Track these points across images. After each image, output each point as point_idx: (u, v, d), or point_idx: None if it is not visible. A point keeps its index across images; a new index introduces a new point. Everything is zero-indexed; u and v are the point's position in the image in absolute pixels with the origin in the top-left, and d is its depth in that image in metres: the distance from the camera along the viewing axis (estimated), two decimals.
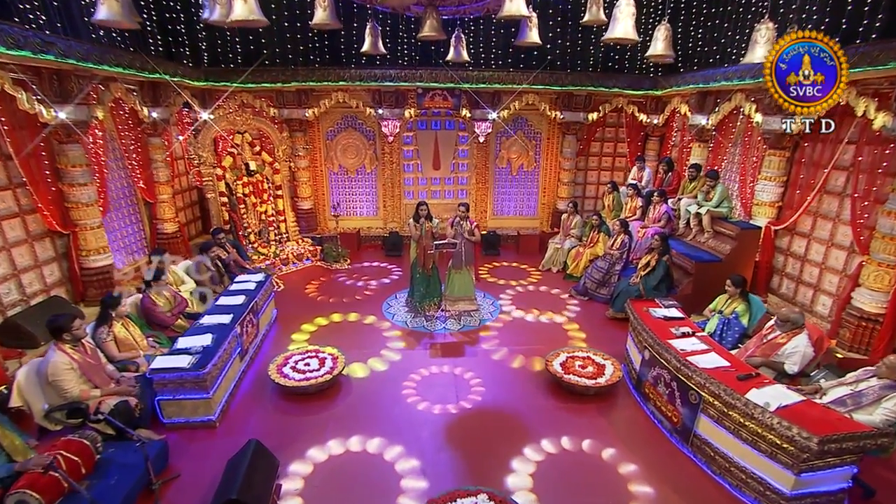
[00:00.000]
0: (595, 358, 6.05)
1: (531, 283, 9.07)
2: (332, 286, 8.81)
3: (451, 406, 5.41)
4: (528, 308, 7.94)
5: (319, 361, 5.97)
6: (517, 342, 6.86)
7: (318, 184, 11.13)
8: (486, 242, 10.59)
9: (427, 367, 6.23)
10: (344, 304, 8.03)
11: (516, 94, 9.96)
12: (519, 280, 9.20)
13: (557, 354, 6.13)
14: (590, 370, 5.79)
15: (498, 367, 6.25)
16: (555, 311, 7.84)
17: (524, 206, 11.57)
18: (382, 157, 11.00)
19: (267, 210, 9.69)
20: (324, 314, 7.67)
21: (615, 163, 11.46)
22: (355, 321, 7.52)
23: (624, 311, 7.24)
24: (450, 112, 10.65)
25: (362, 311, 7.80)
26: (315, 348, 6.28)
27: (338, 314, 7.65)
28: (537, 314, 7.74)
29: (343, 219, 11.22)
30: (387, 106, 10.10)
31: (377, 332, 7.14)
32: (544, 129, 11.02)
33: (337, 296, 8.35)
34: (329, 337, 6.96)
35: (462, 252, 7.41)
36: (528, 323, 7.50)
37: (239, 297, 6.50)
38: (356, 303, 8.10)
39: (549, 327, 7.35)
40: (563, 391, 5.68)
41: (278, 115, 10.06)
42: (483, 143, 10.86)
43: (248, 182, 9.28)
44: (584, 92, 10.14)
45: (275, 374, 5.71)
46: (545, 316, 7.71)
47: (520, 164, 11.25)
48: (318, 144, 10.89)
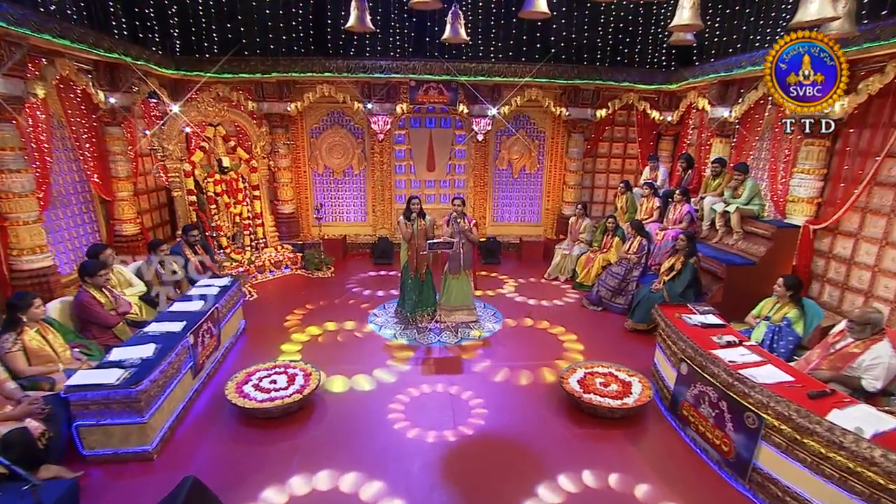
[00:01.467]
0: (619, 374, 5.16)
1: (538, 293, 8.22)
2: (313, 296, 7.95)
3: (448, 432, 4.51)
4: (536, 319, 7.06)
5: (289, 378, 5.06)
6: (524, 357, 6.00)
7: (301, 186, 10.38)
8: (485, 250, 9.83)
9: (418, 385, 5.33)
10: (323, 315, 7.14)
11: (518, 87, 9.29)
12: (523, 289, 8.32)
13: (573, 370, 5.25)
14: (614, 389, 4.90)
15: (503, 386, 5.37)
16: (565, 323, 6.97)
17: (526, 211, 10.84)
18: (372, 158, 10.29)
19: (242, 212, 8.85)
20: (300, 326, 6.79)
21: (625, 165, 10.76)
22: (335, 333, 6.62)
23: (646, 321, 6.43)
24: (445, 108, 9.97)
25: (344, 322, 6.93)
26: (285, 362, 5.36)
27: (315, 326, 6.76)
28: (546, 326, 6.87)
29: (328, 225, 10.48)
30: (377, 100, 9.40)
31: (360, 346, 6.27)
32: (548, 128, 10.36)
33: (317, 306, 7.46)
34: (305, 351, 6.08)
35: (460, 254, 6.60)
36: (536, 335, 6.63)
37: (197, 302, 5.60)
38: (338, 313, 7.23)
39: (559, 340, 6.48)
40: (583, 414, 4.78)
41: (257, 110, 9.35)
42: (482, 142, 10.20)
43: (221, 180, 8.46)
44: (591, 86, 9.47)
45: (233, 393, 4.79)
46: (554, 329, 6.84)
47: (522, 166, 10.54)
48: (301, 143, 10.17)
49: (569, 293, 8.24)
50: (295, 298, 7.81)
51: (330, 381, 5.39)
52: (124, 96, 7.53)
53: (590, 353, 5.94)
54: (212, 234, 7.93)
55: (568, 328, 6.81)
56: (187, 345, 4.83)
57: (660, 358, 5.20)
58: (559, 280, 8.78)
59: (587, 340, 6.49)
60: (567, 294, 8.20)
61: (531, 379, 5.52)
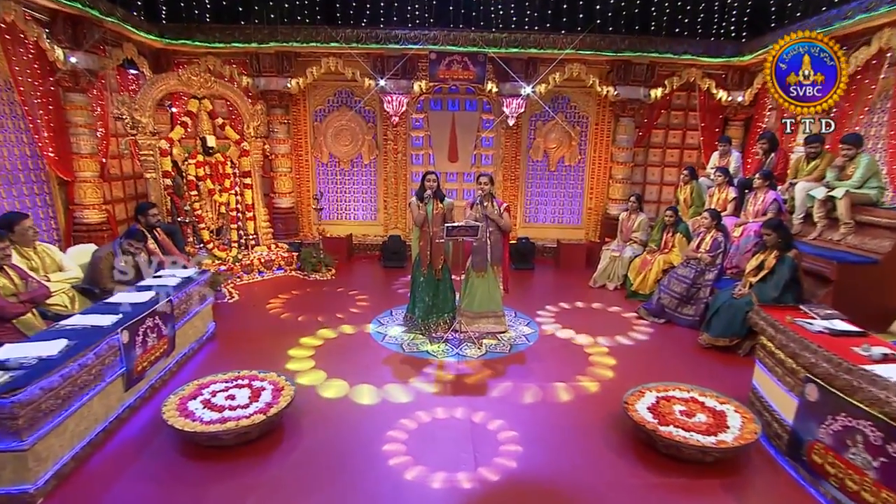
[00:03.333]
0: (705, 400, 3.90)
1: (580, 301, 7.07)
2: (306, 300, 6.95)
3: (463, 475, 3.33)
4: (581, 331, 5.88)
5: (252, 393, 3.95)
6: (569, 376, 4.84)
7: (303, 177, 9.55)
8: (516, 253, 8.72)
9: (429, 409, 4.18)
10: (316, 321, 6.10)
11: (557, 62, 8.28)
12: (563, 297, 7.16)
13: (641, 393, 4.02)
14: (701, 420, 3.64)
15: (542, 414, 4.19)
16: (621, 335, 5.79)
17: (565, 210, 9.78)
18: (384, 146, 9.41)
19: (229, 202, 7.93)
20: (282, 332, 5.74)
21: (683, 156, 9.56)
22: (327, 341, 5.55)
23: (727, 334, 5.23)
24: (471, 88, 9.07)
25: (340, 329, 5.86)
26: (249, 373, 4.25)
27: (307, 337, 5.67)
28: (593, 339, 5.66)
29: (331, 223, 9.57)
30: (391, 77, 8.50)
31: (356, 357, 5.19)
32: (592, 111, 9.33)
33: (309, 311, 6.44)
34: (286, 361, 4.99)
35: (487, 245, 5.51)
36: (582, 350, 5.42)
37: (145, 293, 4.55)
38: (334, 319, 6.17)
39: (614, 355, 5.27)
40: (658, 455, 3.54)
41: (253, 86, 8.54)
42: (513, 128, 9.21)
43: (205, 162, 7.55)
44: (645, 60, 8.42)
45: (172, 412, 3.68)
46: (605, 338, 5.64)
47: (560, 157, 9.52)
48: (303, 126, 9.35)
49: (621, 303, 7.02)
50: (283, 304, 6.77)
51: (323, 385, 4.25)
52: (89, 58, 6.68)
53: (655, 374, 4.70)
54: (185, 220, 6.94)
55: (624, 343, 5.60)
56: (117, 344, 3.76)
57: (764, 380, 3.93)
58: (608, 287, 7.59)
59: (650, 358, 5.33)
60: (618, 303, 7.00)
61: (580, 405, 4.33)
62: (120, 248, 4.98)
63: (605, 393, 4.53)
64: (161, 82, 7.07)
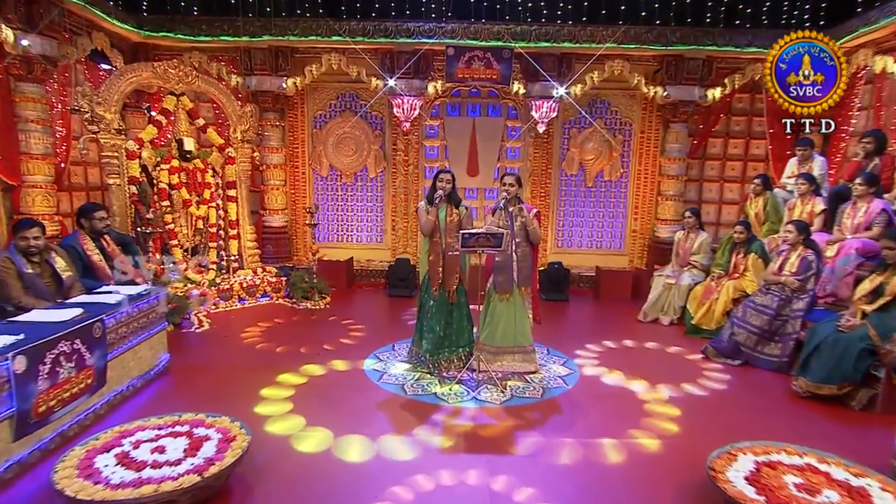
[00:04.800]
0: (831, 470, 2.92)
1: (629, 339, 6.17)
2: (291, 331, 6.20)
3: None
4: (633, 374, 5.01)
5: (190, 444, 3.07)
6: (619, 431, 3.91)
7: (298, 192, 8.96)
8: (547, 281, 7.97)
9: (433, 471, 3.32)
10: (300, 355, 5.34)
11: (596, 58, 7.68)
12: (606, 333, 6.28)
13: (731, 456, 3.05)
14: (833, 501, 2.64)
15: (585, 479, 3.29)
16: (688, 381, 4.87)
17: (605, 233, 9.03)
18: (393, 157, 8.81)
19: (209, 216, 7.33)
20: (255, 368, 4.97)
21: (746, 170, 8.74)
22: (311, 380, 4.76)
23: (836, 381, 4.38)
24: (494, 92, 8.55)
25: (328, 364, 5.09)
26: (194, 417, 3.39)
27: (287, 373, 4.87)
28: (650, 386, 4.74)
29: (330, 245, 8.94)
30: (402, 76, 7.94)
31: (345, 400, 4.36)
32: (637, 117, 8.66)
33: (294, 344, 5.68)
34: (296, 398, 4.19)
35: (513, 259, 4.77)
36: (633, 397, 4.56)
37: (69, 311, 3.76)
38: (322, 353, 5.42)
39: (679, 405, 4.33)
40: None
41: (243, 86, 8.03)
42: (544, 136, 8.53)
43: (180, 168, 6.96)
44: (701, 55, 7.76)
45: (69, 471, 2.82)
46: (666, 384, 4.73)
47: (599, 170, 8.82)
48: (300, 133, 8.81)
49: (680, 340, 6.12)
50: (262, 334, 6.03)
51: (300, 435, 3.39)
52: (47, 42, 6.12)
53: (738, 430, 3.75)
54: (147, 230, 6.21)
55: (691, 391, 4.70)
56: (6, 373, 2.93)
57: None
58: (661, 322, 6.76)
59: (728, 410, 4.39)
60: (677, 341, 6.10)
61: (638, 469, 3.41)
62: (17, 249, 4.18)
63: (671, 453, 3.60)
64: (131, 73, 6.53)
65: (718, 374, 5.10)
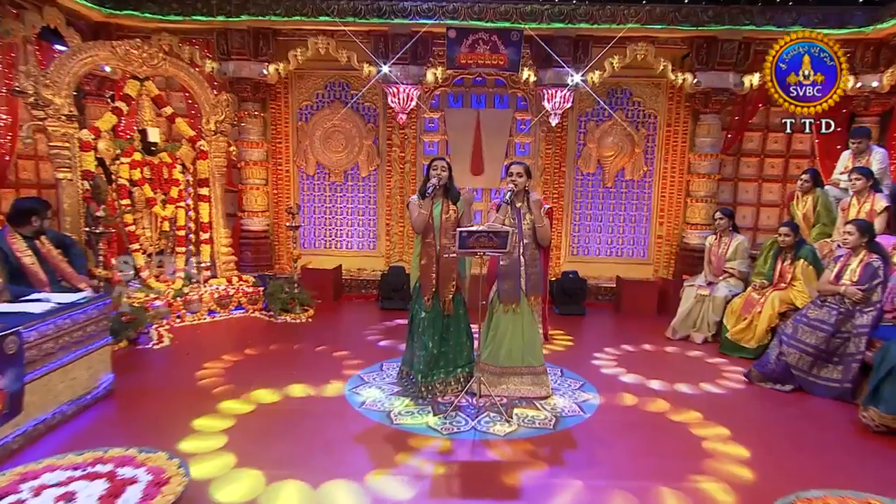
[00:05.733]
0: None
1: (654, 357, 5.81)
2: (264, 348, 5.78)
3: None
4: (676, 401, 4.59)
5: (108, 490, 2.60)
6: (648, 471, 3.45)
7: (281, 192, 8.69)
8: (561, 293, 7.65)
9: None
10: (270, 377, 4.87)
11: (616, 40, 7.44)
12: (631, 351, 5.91)
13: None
14: None
15: None
16: (720, 412, 4.43)
17: (627, 239, 8.77)
18: (388, 153, 8.58)
19: (176, 217, 7.00)
20: (208, 391, 4.54)
21: (788, 168, 8.41)
22: (262, 407, 4.31)
23: None
24: (501, 81, 8.35)
25: (304, 385, 4.69)
26: (122, 454, 2.92)
27: (235, 399, 4.44)
28: (700, 416, 4.33)
29: (315, 253, 8.64)
30: (397, 62, 7.70)
31: (314, 431, 3.92)
32: (663, 107, 8.40)
33: (265, 365, 5.27)
34: (236, 431, 3.82)
35: (520, 263, 4.45)
36: (662, 428, 4.15)
37: None
38: (291, 375, 4.97)
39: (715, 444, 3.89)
40: None
41: (219, 73, 7.77)
42: (557, 129, 8.31)
43: (144, 162, 6.61)
44: (737, 36, 7.46)
45: None
46: (699, 422, 4.27)
47: (619, 168, 8.58)
48: (283, 127, 8.55)
49: (717, 362, 5.71)
50: (232, 352, 5.60)
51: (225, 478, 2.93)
52: None
53: (802, 474, 3.24)
54: (98, 230, 5.77)
55: (728, 422, 4.23)
56: None
57: None
58: (693, 340, 6.37)
59: (783, 446, 3.88)
60: (715, 363, 5.68)
61: None
62: None
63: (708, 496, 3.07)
64: (86, 53, 6.13)
65: (762, 403, 4.65)
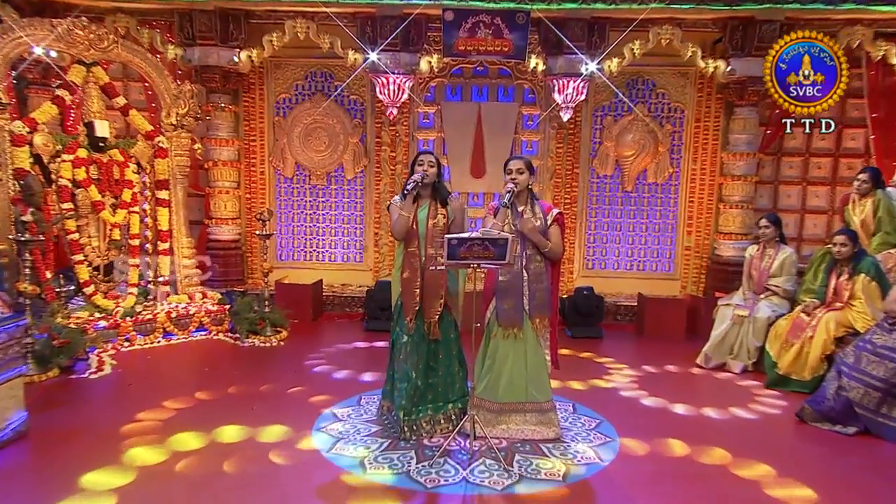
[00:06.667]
0: None
1: (685, 392, 5.51)
2: (221, 376, 5.51)
3: None
4: (693, 443, 4.26)
5: None
6: None
7: (255, 196, 8.58)
8: (574, 312, 7.48)
9: None
10: (215, 413, 4.55)
11: (637, 23, 7.31)
12: (658, 381, 5.66)
13: None
14: None
15: None
16: (770, 455, 4.09)
17: (650, 251, 8.72)
18: (377, 153, 8.51)
19: (130, 225, 6.80)
20: (161, 430, 4.22)
21: (838, 168, 8.21)
22: (214, 450, 3.94)
23: None
24: (505, 71, 8.25)
25: (263, 428, 4.35)
26: None
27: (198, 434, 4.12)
28: (772, 471, 3.94)
29: (292, 266, 8.52)
30: (387, 49, 7.58)
31: (273, 483, 3.57)
32: (691, 100, 8.22)
33: (215, 398, 4.94)
34: None
35: (522, 279, 4.26)
36: (699, 475, 3.88)
37: None
38: (248, 411, 4.68)
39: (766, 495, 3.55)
40: None
41: (183, 61, 7.58)
42: (569, 126, 8.18)
43: (90, 160, 6.39)
44: (777, 16, 7.18)
45: None
46: (745, 465, 3.91)
47: (641, 170, 8.44)
48: (258, 122, 8.44)
49: (760, 396, 5.41)
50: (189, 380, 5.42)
51: None
52: None
53: None
54: (23, 238, 5.43)
55: (780, 467, 3.92)
56: None
57: None
58: (731, 370, 6.10)
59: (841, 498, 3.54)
60: (758, 397, 5.37)
61: None
62: None
63: None
64: (18, 31, 5.97)
65: (818, 447, 4.27)
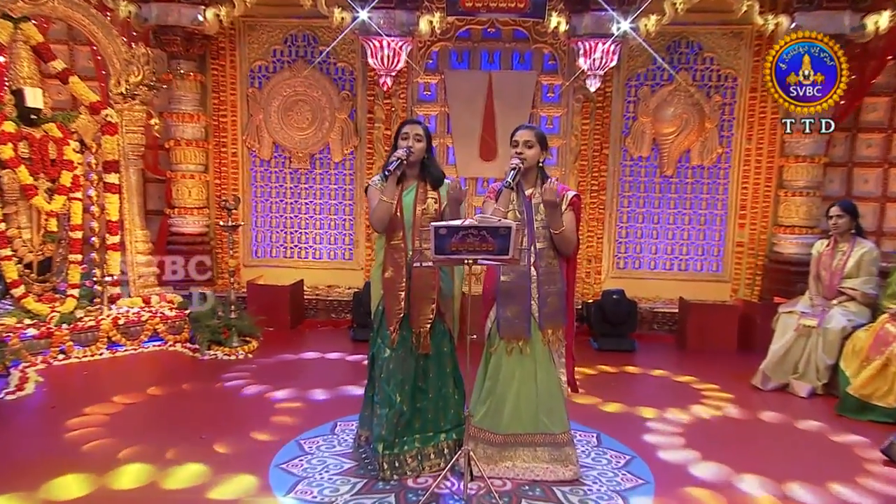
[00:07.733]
0: None
1: (737, 415, 5.26)
2: (164, 400, 5.28)
3: None
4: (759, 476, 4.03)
5: None
6: None
7: (226, 181, 8.57)
8: (600, 319, 7.27)
9: None
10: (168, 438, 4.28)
11: None
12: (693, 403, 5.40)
13: None
14: None
15: None
16: None
17: (693, 248, 8.56)
18: (369, 131, 8.43)
19: (70, 213, 6.62)
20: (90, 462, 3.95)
21: None
22: None
23: None
24: (521, 33, 8.04)
25: (214, 463, 4.06)
26: None
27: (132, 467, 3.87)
28: None
29: (269, 263, 8.45)
30: (379, 6, 7.39)
31: None
32: (745, 66, 8.06)
33: (149, 424, 4.73)
34: None
35: (529, 278, 3.98)
36: None
37: None
38: (192, 442, 4.38)
39: None
40: None
41: (138, 19, 7.39)
42: (596, 97, 8.03)
43: (18, 135, 6.19)
44: None
45: None
46: None
47: (683, 151, 8.28)
48: (229, 94, 8.41)
49: (837, 427, 5.05)
50: (126, 402, 5.11)
51: None
52: None
53: None
54: None
55: None
56: None
57: None
58: (794, 391, 5.79)
59: None
60: (833, 428, 5.01)
61: None
62: None
63: None
64: None
65: None
